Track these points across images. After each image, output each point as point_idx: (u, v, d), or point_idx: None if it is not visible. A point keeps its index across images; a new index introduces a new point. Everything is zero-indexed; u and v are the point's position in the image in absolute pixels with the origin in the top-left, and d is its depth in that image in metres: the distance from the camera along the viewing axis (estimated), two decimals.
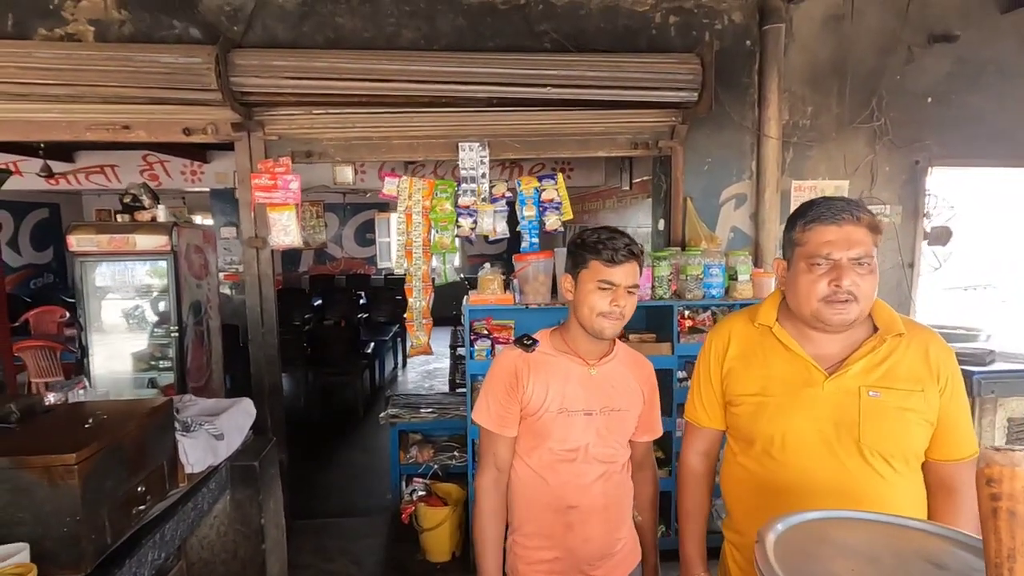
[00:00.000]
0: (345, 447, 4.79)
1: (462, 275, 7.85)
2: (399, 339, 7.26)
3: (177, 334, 3.79)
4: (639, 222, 5.28)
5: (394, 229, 3.19)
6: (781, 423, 1.22)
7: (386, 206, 10.54)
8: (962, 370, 2.86)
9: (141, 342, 3.97)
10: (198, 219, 7.49)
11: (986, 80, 3.29)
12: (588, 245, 1.40)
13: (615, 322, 1.38)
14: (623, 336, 2.96)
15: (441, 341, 6.52)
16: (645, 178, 5.00)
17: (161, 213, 3.77)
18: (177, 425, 2.02)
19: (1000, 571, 0.44)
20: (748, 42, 3.18)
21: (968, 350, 2.80)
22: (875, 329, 1.22)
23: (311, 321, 6.47)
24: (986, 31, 3.25)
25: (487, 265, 2.95)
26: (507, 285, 2.91)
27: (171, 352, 3.87)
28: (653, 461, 1.62)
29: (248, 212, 3.05)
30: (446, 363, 6.70)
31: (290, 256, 10.24)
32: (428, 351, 3.21)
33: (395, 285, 8.84)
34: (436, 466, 3.39)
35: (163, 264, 3.76)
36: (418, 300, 3.13)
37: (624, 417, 1.46)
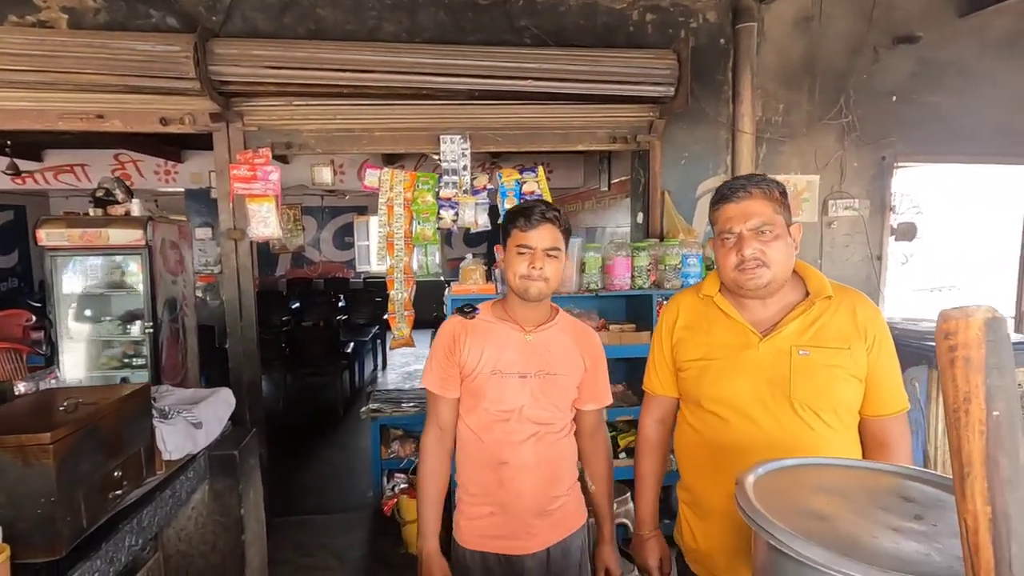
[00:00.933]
0: (325, 447, 4.72)
1: (443, 276, 7.82)
2: (379, 340, 7.18)
3: (151, 331, 3.70)
4: (618, 222, 5.33)
5: (374, 230, 3.18)
6: (722, 384, 1.31)
7: (366, 209, 10.44)
8: (925, 346, 3.00)
9: (113, 340, 3.86)
10: None
11: (947, 80, 3.42)
12: (509, 216, 1.51)
13: (537, 283, 1.45)
14: (604, 326, 3.00)
15: (422, 344, 6.47)
16: (623, 178, 5.06)
17: (136, 207, 3.68)
18: (155, 412, 1.98)
19: (958, 414, 0.47)
20: (722, 40, 3.26)
21: (933, 328, 2.89)
22: (807, 294, 1.30)
23: (289, 323, 6.36)
24: (946, 34, 3.39)
25: (469, 255, 2.95)
26: (489, 275, 2.92)
27: (145, 350, 3.77)
28: (605, 432, 1.65)
29: (226, 203, 3.00)
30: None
31: (267, 260, 10.07)
32: (410, 343, 3.19)
33: (375, 288, 8.76)
34: (417, 460, 3.37)
35: (137, 259, 3.68)
36: (400, 292, 3.11)
37: (560, 381, 1.51)
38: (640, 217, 3.35)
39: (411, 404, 3.59)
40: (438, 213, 3.04)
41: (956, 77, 3.42)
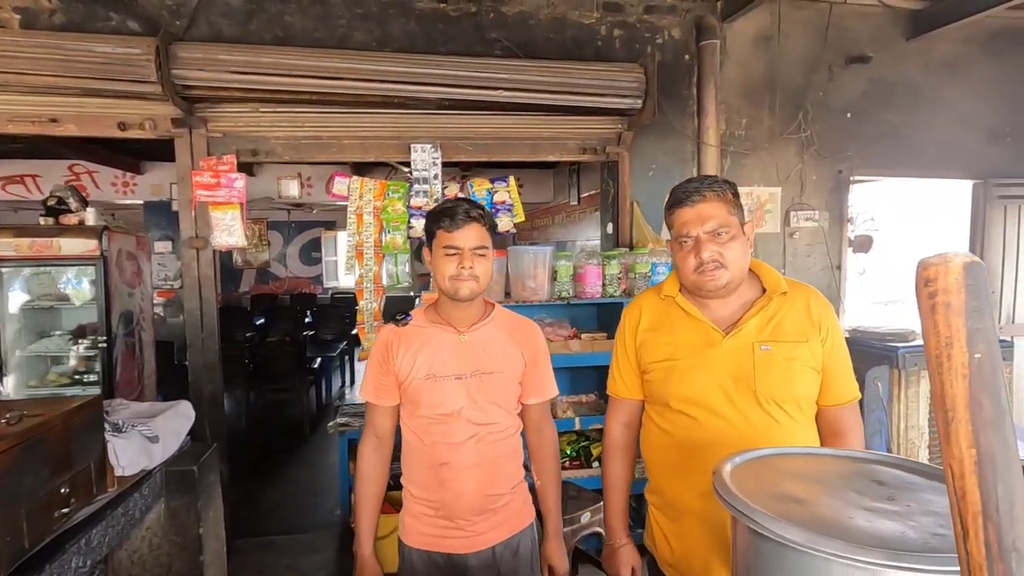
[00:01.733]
0: (290, 465, 4.55)
1: (413, 292, 7.70)
2: (347, 357, 7.03)
3: (105, 345, 3.52)
4: (588, 235, 5.37)
5: (342, 245, 3.11)
6: (689, 382, 1.32)
7: (334, 224, 10.25)
8: (887, 346, 3.09)
9: (63, 355, 3.65)
10: None
11: (896, 99, 3.58)
12: (432, 218, 1.49)
13: (468, 283, 1.43)
14: (576, 335, 2.99)
15: None
16: (593, 192, 5.11)
17: (90, 217, 3.52)
18: (107, 425, 1.86)
19: (940, 360, 0.47)
20: (687, 56, 3.34)
21: (893, 330, 3.05)
22: (763, 291, 1.34)
23: (253, 338, 6.16)
24: (895, 55, 3.56)
25: None
26: None
27: (98, 366, 3.58)
28: (551, 426, 1.63)
29: (188, 211, 2.89)
30: None
31: (230, 276, 9.77)
32: None
33: (343, 303, 8.57)
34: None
35: (91, 271, 3.50)
36: (369, 302, 3.04)
37: (498, 379, 1.49)
38: (610, 227, 3.37)
39: None
40: (408, 222, 3.00)
41: (904, 96, 3.59)
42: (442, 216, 1.45)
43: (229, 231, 2.86)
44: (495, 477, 1.51)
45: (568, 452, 3.03)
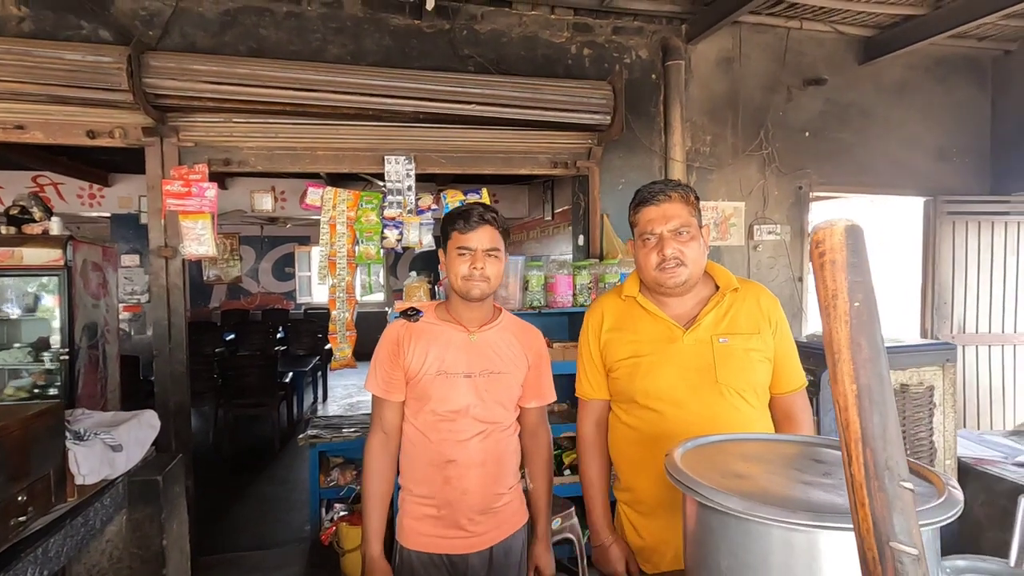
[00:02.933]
0: (259, 481, 4.43)
1: (387, 307, 7.67)
2: (320, 372, 6.93)
3: (68, 358, 3.41)
4: (562, 250, 5.44)
5: (316, 260, 3.10)
6: (654, 377, 1.37)
7: (308, 239, 10.17)
8: None
9: (22, 368, 3.53)
10: None
11: (850, 119, 3.76)
12: (447, 220, 1.53)
13: (479, 283, 1.46)
14: (548, 344, 3.02)
15: (364, 375, 6.31)
16: (567, 207, 5.20)
17: (55, 226, 3.43)
18: (68, 433, 1.81)
19: (828, 310, 0.53)
20: (654, 76, 3.46)
21: None
22: (716, 288, 1.42)
23: (223, 353, 6.03)
24: (849, 78, 3.75)
25: (413, 273, 2.93)
26: (433, 293, 2.90)
27: (59, 379, 3.46)
28: (547, 430, 1.66)
29: (158, 220, 2.86)
30: (368, 397, 6.45)
31: (200, 292, 9.58)
32: (352, 364, 3.10)
33: (316, 318, 8.40)
34: (358, 488, 3.23)
35: (55, 281, 3.41)
36: (342, 312, 3.03)
37: (505, 380, 1.52)
38: (581, 239, 3.44)
39: (352, 430, 3.46)
40: (382, 232, 3.02)
41: (858, 117, 3.77)
42: (457, 218, 1.49)
43: (199, 240, 2.83)
44: (498, 475, 1.52)
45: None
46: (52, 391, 3.46)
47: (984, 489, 2.25)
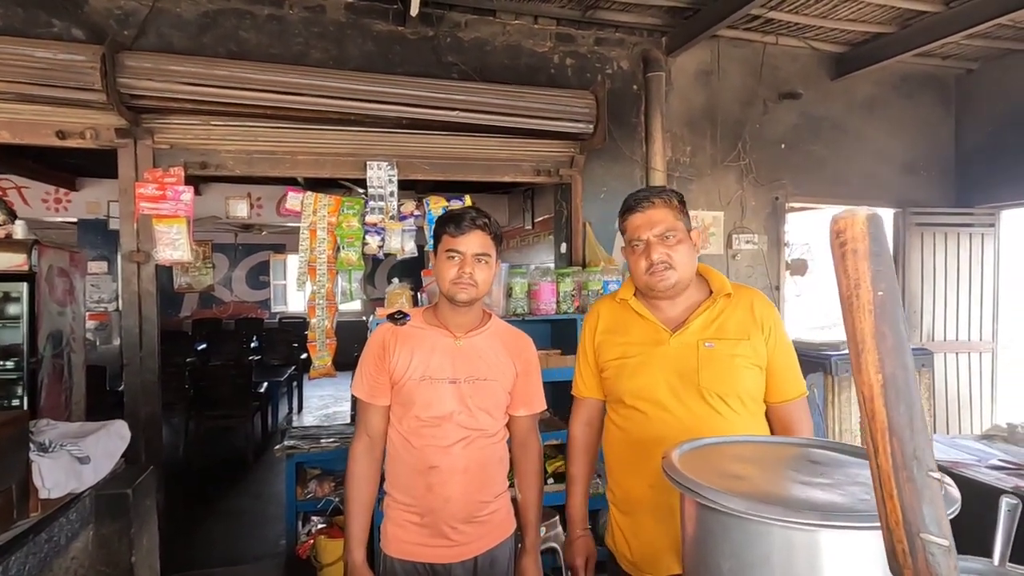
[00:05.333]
0: (233, 495, 4.28)
1: (365, 316, 7.60)
2: (295, 383, 6.77)
3: (30, 367, 3.25)
4: (542, 259, 5.44)
5: (292, 269, 3.04)
6: (639, 378, 1.39)
7: (283, 247, 9.98)
8: (821, 354, 3.28)
9: None
10: None
11: (824, 132, 3.86)
12: (440, 222, 1.52)
13: (467, 288, 1.45)
14: None
15: (342, 385, 6.24)
16: (547, 216, 5.21)
17: (19, 230, 3.29)
18: (32, 445, 1.72)
19: (850, 300, 0.53)
20: (635, 86, 3.50)
21: (825, 340, 3.30)
22: (711, 293, 1.42)
23: (194, 363, 5.85)
24: (822, 92, 3.85)
25: (395, 280, 2.88)
26: (415, 300, 2.86)
27: (20, 390, 3.30)
28: (537, 440, 1.64)
29: (130, 224, 2.76)
30: (346, 407, 6.34)
31: (170, 301, 9.30)
32: (332, 373, 3.03)
33: (291, 328, 8.31)
34: (337, 500, 3.13)
35: (18, 287, 3.26)
36: (322, 319, 2.96)
37: (490, 387, 1.50)
38: (563, 247, 3.44)
39: (331, 440, 3.36)
40: (363, 239, 2.97)
41: (831, 130, 3.87)
42: (449, 221, 1.48)
43: (174, 245, 2.74)
44: (482, 483, 1.50)
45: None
46: (13, 403, 3.30)
47: (961, 491, 2.29)
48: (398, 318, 1.54)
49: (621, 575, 1.43)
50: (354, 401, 5.39)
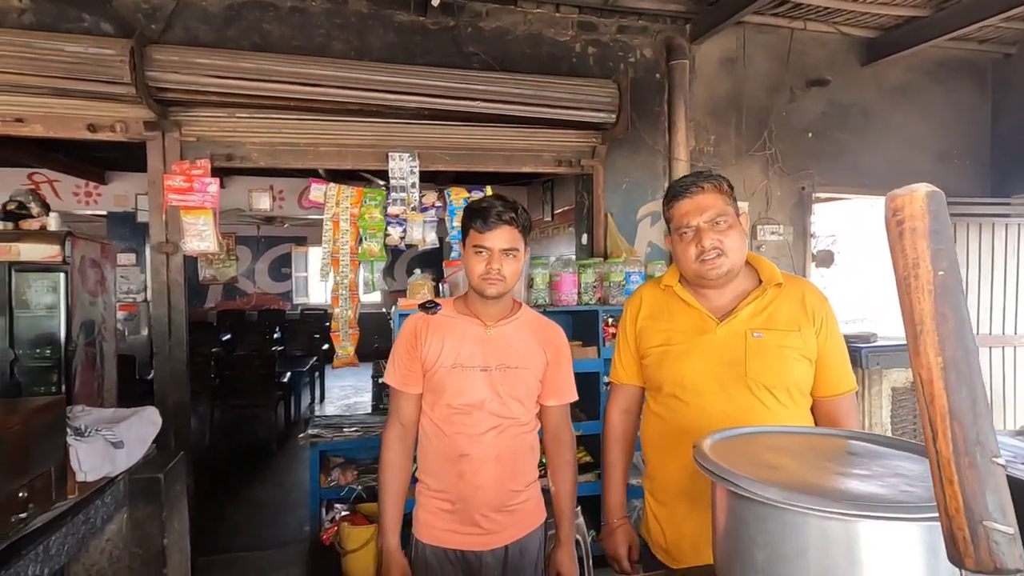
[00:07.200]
0: (257, 483, 4.37)
1: (384, 308, 7.69)
2: (317, 373, 6.89)
3: (65, 355, 3.35)
4: (562, 251, 5.43)
5: (314, 261, 3.07)
6: (681, 366, 1.36)
7: (304, 239, 10.12)
8: (851, 347, 3.23)
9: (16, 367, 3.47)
10: None
11: (852, 120, 3.77)
12: (467, 213, 1.52)
13: (495, 283, 1.45)
14: None
15: (363, 375, 6.33)
16: (567, 208, 5.19)
17: (53, 222, 3.38)
18: (69, 430, 1.77)
19: (908, 280, 0.51)
20: (658, 75, 3.46)
21: (856, 332, 3.29)
22: (759, 282, 1.38)
23: (219, 354, 5.99)
24: (851, 79, 3.76)
25: (417, 271, 2.90)
26: (437, 291, 2.87)
27: (55, 377, 3.40)
28: (570, 431, 1.64)
29: (159, 216, 2.82)
30: (367, 398, 6.43)
31: (195, 292, 9.51)
32: (354, 362, 3.07)
33: (313, 319, 8.49)
34: (360, 488, 3.17)
35: (52, 277, 3.35)
36: (345, 309, 3.00)
37: (521, 375, 1.51)
38: (585, 238, 3.42)
39: (353, 429, 3.41)
40: (385, 230, 2.99)
41: (860, 118, 3.78)
42: (476, 216, 1.47)
43: (201, 236, 2.79)
44: (514, 471, 1.51)
45: (544, 460, 3.02)
46: (51, 388, 3.40)
47: None
48: (429, 307, 1.55)
49: (656, 565, 1.41)
50: (375, 391, 5.46)
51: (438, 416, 1.50)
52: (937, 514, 0.57)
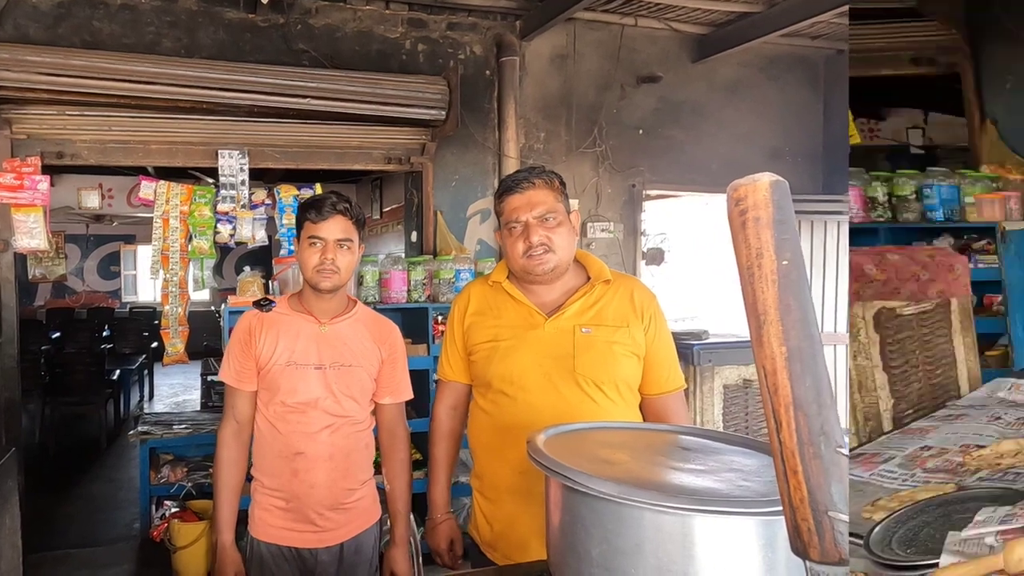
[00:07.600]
0: (87, 479, 5.69)
1: (214, 307, 9.30)
2: (146, 371, 8.77)
3: None
4: (391, 249, 6.54)
5: (143, 259, 4.21)
6: (510, 363, 1.75)
7: (133, 238, 12.28)
8: (683, 344, 4.67)
9: None
10: None
11: (683, 117, 5.19)
12: (301, 208, 1.99)
13: (330, 275, 1.89)
14: None
15: (192, 373, 7.81)
16: (395, 206, 6.46)
17: None
18: None
19: (752, 271, 0.66)
20: (488, 72, 4.78)
21: (688, 329, 4.36)
22: (588, 279, 1.80)
23: (49, 351, 7.25)
24: (682, 76, 5.16)
25: (247, 268, 4.19)
26: (267, 288, 4.09)
27: None
28: (405, 429, 2.12)
29: None
30: (196, 395, 7.86)
31: (25, 290, 10.95)
32: (185, 360, 4.30)
33: (142, 317, 10.75)
34: (190, 485, 4.19)
35: None
36: (175, 307, 4.21)
37: (355, 373, 1.97)
38: (414, 236, 4.73)
39: (183, 426, 4.54)
40: (215, 227, 4.22)
41: (691, 115, 5.22)
42: (310, 207, 1.89)
43: (31, 234, 3.95)
44: (347, 470, 1.96)
45: (376, 459, 4.17)
46: None
47: None
48: (264, 304, 1.98)
49: (484, 561, 1.81)
50: (204, 389, 6.97)
51: (272, 414, 1.93)
52: (773, 508, 0.76)
